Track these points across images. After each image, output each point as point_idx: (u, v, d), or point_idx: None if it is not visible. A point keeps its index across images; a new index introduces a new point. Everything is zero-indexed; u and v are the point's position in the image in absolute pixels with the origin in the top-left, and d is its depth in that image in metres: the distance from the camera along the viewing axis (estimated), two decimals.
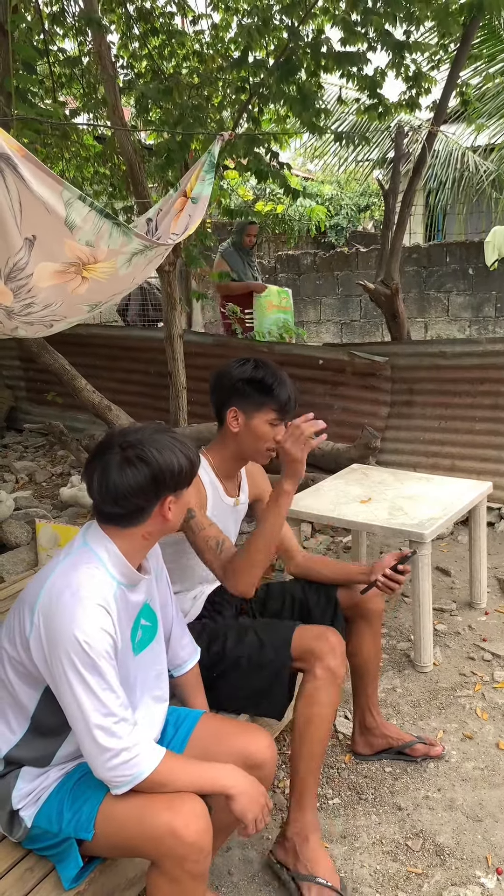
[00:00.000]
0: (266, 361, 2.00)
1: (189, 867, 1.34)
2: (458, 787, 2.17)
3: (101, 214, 1.82)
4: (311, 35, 4.20)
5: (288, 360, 5.15)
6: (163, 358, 4.72)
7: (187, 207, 2.36)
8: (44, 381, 6.22)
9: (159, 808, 1.36)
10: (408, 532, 2.66)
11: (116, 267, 2.04)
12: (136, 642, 1.56)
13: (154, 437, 1.51)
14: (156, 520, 1.51)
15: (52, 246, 1.84)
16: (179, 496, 1.54)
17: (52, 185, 1.68)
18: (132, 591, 1.52)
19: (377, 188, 12.34)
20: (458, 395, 4.53)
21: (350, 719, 2.47)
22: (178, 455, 1.50)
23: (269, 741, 1.65)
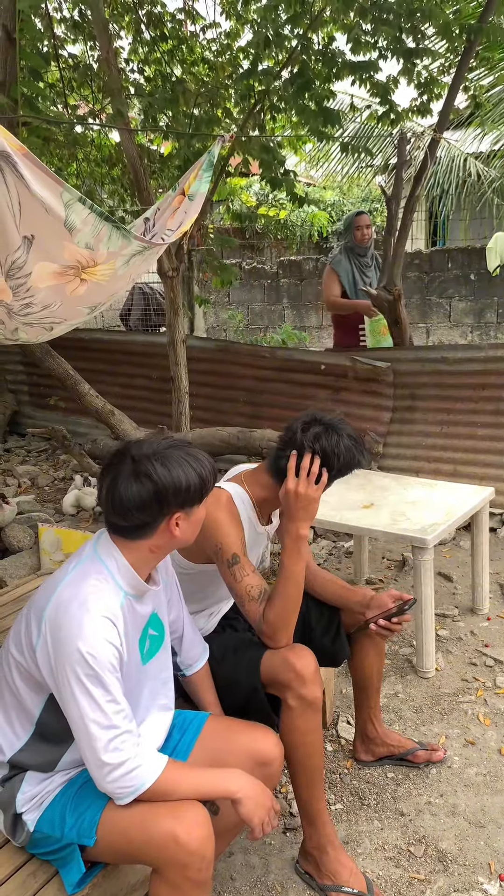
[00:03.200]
0: (345, 432, 1.83)
1: (191, 875, 1.34)
2: (460, 793, 2.17)
3: (101, 217, 1.82)
4: (320, 43, 4.24)
5: (290, 366, 5.17)
6: (165, 363, 4.73)
7: (183, 205, 2.37)
8: (47, 385, 6.24)
9: (162, 815, 1.36)
10: (410, 538, 2.66)
11: (115, 268, 2.05)
12: (144, 652, 1.56)
13: (166, 451, 1.49)
14: (163, 535, 1.50)
15: (51, 247, 1.84)
16: (190, 513, 1.51)
17: (51, 185, 1.67)
18: (140, 602, 1.52)
19: (379, 194, 12.38)
20: (460, 400, 4.54)
21: (352, 725, 2.47)
22: (186, 472, 1.47)
23: (276, 739, 1.66)
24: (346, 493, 3.15)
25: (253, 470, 2.01)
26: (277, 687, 1.79)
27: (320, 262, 9.63)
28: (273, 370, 5.21)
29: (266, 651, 1.83)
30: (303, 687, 1.74)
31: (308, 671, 1.76)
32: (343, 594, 2.10)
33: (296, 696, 1.75)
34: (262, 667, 1.81)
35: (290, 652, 1.79)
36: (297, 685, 1.75)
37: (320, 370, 4.99)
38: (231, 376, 5.42)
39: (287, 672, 1.76)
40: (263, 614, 1.78)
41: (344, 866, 1.82)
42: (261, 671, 1.81)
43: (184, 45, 4.95)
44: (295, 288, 9.74)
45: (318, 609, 2.11)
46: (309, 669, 1.76)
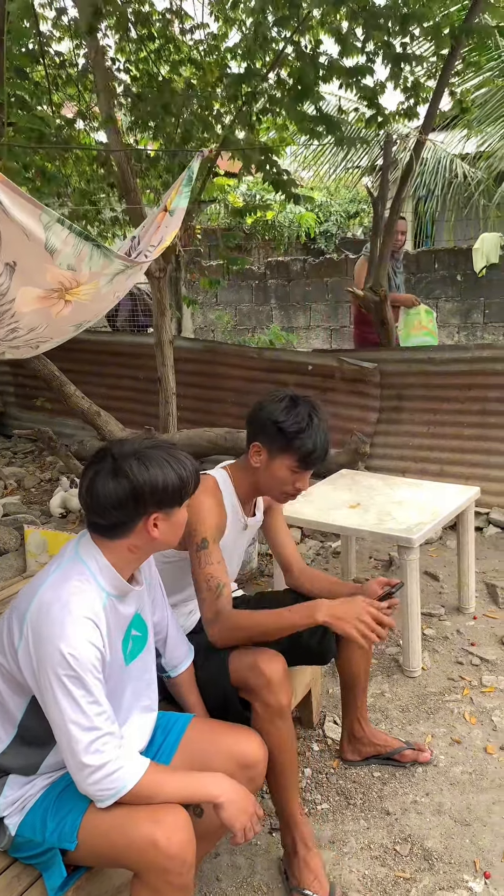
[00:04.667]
0: (304, 401, 1.90)
1: (172, 879, 1.33)
2: (446, 792, 2.18)
3: (81, 237, 1.83)
4: (308, 46, 4.26)
5: (277, 366, 5.18)
6: (152, 364, 4.72)
7: (164, 220, 2.39)
8: (33, 386, 6.21)
9: (142, 819, 1.35)
10: (396, 537, 2.67)
11: (98, 287, 2.05)
12: (126, 652, 1.55)
13: (147, 451, 1.48)
14: (140, 535, 1.49)
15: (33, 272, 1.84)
16: (170, 514, 1.50)
17: (30, 209, 1.69)
18: (123, 603, 1.52)
19: (366, 195, 12.42)
20: (446, 400, 4.56)
21: (338, 724, 2.47)
22: (165, 472, 1.46)
23: (259, 741, 1.66)
24: (333, 494, 3.16)
25: (236, 461, 2.04)
26: (246, 691, 1.78)
27: (308, 262, 9.65)
28: (261, 371, 5.21)
29: (233, 652, 1.82)
30: (269, 694, 1.73)
31: (276, 677, 1.74)
32: (332, 589, 2.12)
33: (262, 702, 1.74)
34: (232, 669, 1.80)
35: (260, 656, 1.77)
36: (264, 692, 1.73)
37: (308, 371, 5.00)
38: (219, 377, 5.42)
39: (255, 677, 1.75)
40: (227, 617, 1.78)
41: (310, 870, 1.81)
42: (231, 673, 1.80)
43: (171, 45, 4.94)
44: (283, 289, 9.75)
45: None
46: (277, 675, 1.74)
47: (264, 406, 1.91)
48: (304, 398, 1.93)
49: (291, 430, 1.85)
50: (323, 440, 1.88)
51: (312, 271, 9.57)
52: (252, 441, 1.93)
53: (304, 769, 2.30)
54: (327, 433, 1.91)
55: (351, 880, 1.88)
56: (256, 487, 1.99)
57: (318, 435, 1.87)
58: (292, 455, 1.87)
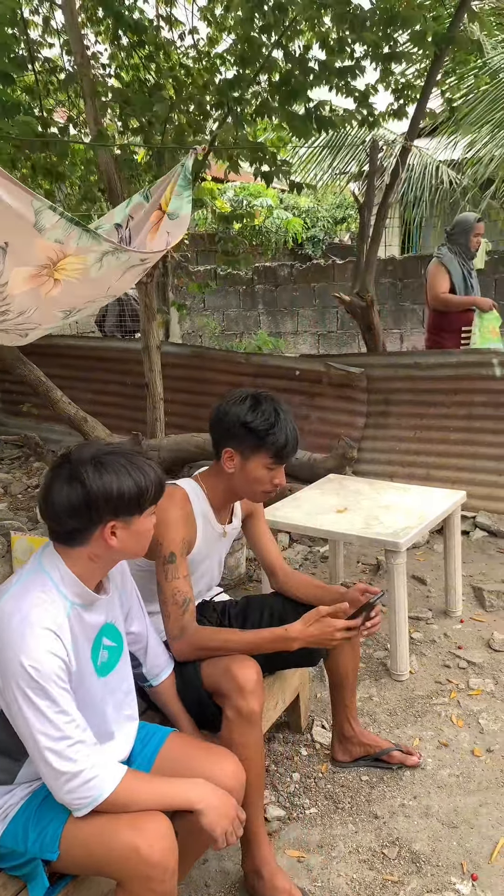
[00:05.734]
0: (266, 397, 1.91)
1: (154, 886, 1.32)
2: (433, 795, 2.19)
3: (71, 222, 1.84)
4: (297, 51, 4.29)
5: (265, 371, 5.19)
6: (140, 369, 4.72)
7: (164, 223, 2.37)
8: (19, 392, 6.18)
9: (122, 828, 1.34)
10: (383, 541, 2.69)
11: (88, 265, 2.05)
12: (99, 664, 1.53)
13: (105, 457, 1.45)
14: (98, 544, 1.46)
15: (24, 250, 1.85)
16: (129, 522, 1.47)
17: (21, 196, 1.70)
18: (89, 612, 1.50)
19: (352, 201, 12.48)
20: (432, 405, 4.59)
21: (327, 729, 2.48)
22: (122, 479, 1.43)
23: (234, 767, 1.59)
24: (321, 498, 3.17)
25: (208, 469, 2.04)
26: (218, 696, 1.77)
27: (295, 268, 9.68)
28: (248, 376, 5.22)
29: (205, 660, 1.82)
30: (240, 699, 1.71)
31: (249, 683, 1.72)
32: (317, 594, 2.13)
33: (233, 707, 1.72)
34: (205, 674, 1.80)
35: (234, 662, 1.76)
36: (235, 696, 1.71)
37: (295, 376, 5.02)
38: (206, 382, 5.42)
39: (227, 682, 1.73)
40: (192, 634, 1.78)
41: (279, 890, 1.78)
42: (203, 678, 1.80)
43: (161, 52, 4.96)
44: (270, 294, 9.78)
45: (295, 610, 2.11)
46: (250, 681, 1.72)
47: (228, 410, 1.90)
48: (264, 394, 1.94)
49: (261, 428, 1.86)
50: (293, 431, 1.90)
51: (300, 277, 9.60)
52: (221, 447, 1.92)
53: (292, 773, 2.30)
54: (294, 424, 1.92)
55: (339, 884, 1.88)
56: (233, 492, 1.98)
57: (288, 427, 1.89)
58: (266, 452, 1.88)
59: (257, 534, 2.24)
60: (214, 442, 1.96)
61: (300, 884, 1.87)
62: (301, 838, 2.04)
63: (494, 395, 4.38)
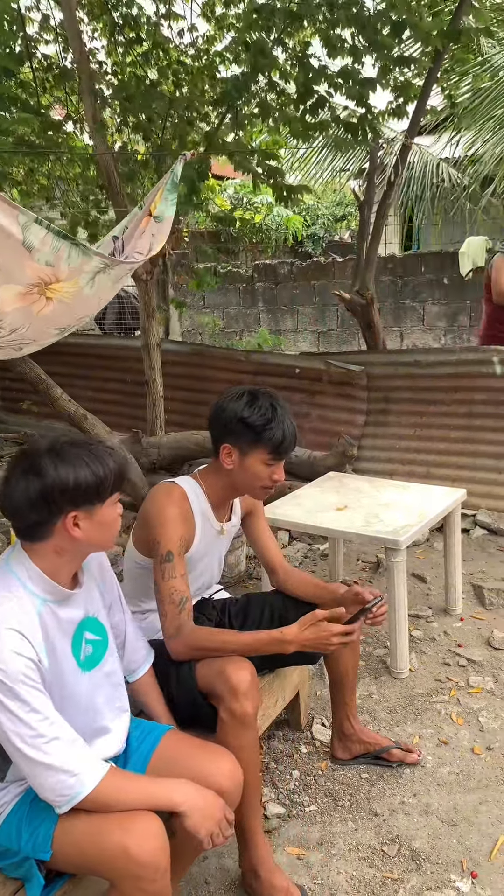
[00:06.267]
0: (263, 393, 1.91)
1: (145, 886, 1.31)
2: (433, 792, 2.19)
3: (59, 236, 1.84)
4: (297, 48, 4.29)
5: (265, 369, 5.19)
6: (140, 367, 4.71)
7: (150, 226, 2.38)
8: (19, 389, 6.18)
9: (112, 828, 1.33)
10: (383, 539, 2.68)
11: (80, 286, 2.05)
12: (82, 659, 1.52)
13: (63, 447, 1.43)
14: (62, 536, 1.43)
15: (13, 268, 1.85)
16: (92, 513, 1.44)
17: (7, 210, 1.71)
18: (64, 607, 1.48)
19: (352, 199, 12.46)
20: (433, 403, 4.59)
21: (327, 726, 2.48)
22: (79, 470, 1.40)
23: (230, 766, 1.57)
24: (321, 496, 3.17)
25: (206, 466, 2.03)
26: (213, 697, 1.76)
27: (295, 265, 9.67)
28: (248, 374, 5.22)
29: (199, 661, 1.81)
30: (234, 701, 1.70)
31: (243, 685, 1.71)
32: (317, 592, 2.13)
33: (227, 709, 1.71)
34: (200, 675, 1.79)
35: (228, 663, 1.75)
36: (229, 698, 1.70)
37: (295, 373, 5.02)
38: (206, 380, 5.42)
39: (222, 683, 1.72)
40: (189, 634, 1.78)
41: (277, 889, 1.78)
42: (198, 679, 1.79)
43: (159, 49, 4.95)
44: (270, 292, 9.77)
45: (296, 608, 2.11)
46: (244, 683, 1.71)
47: (225, 406, 1.90)
48: (262, 390, 1.93)
49: (259, 424, 1.86)
50: (290, 427, 1.90)
51: (300, 274, 9.60)
52: (220, 444, 1.92)
53: (292, 771, 2.30)
54: (292, 419, 1.92)
55: (339, 882, 1.88)
56: (233, 488, 1.98)
57: (285, 422, 1.89)
58: (264, 448, 1.87)
59: (257, 531, 2.23)
60: (213, 438, 1.96)
61: (300, 881, 1.87)
62: (301, 836, 2.04)
63: (495, 394, 4.38)
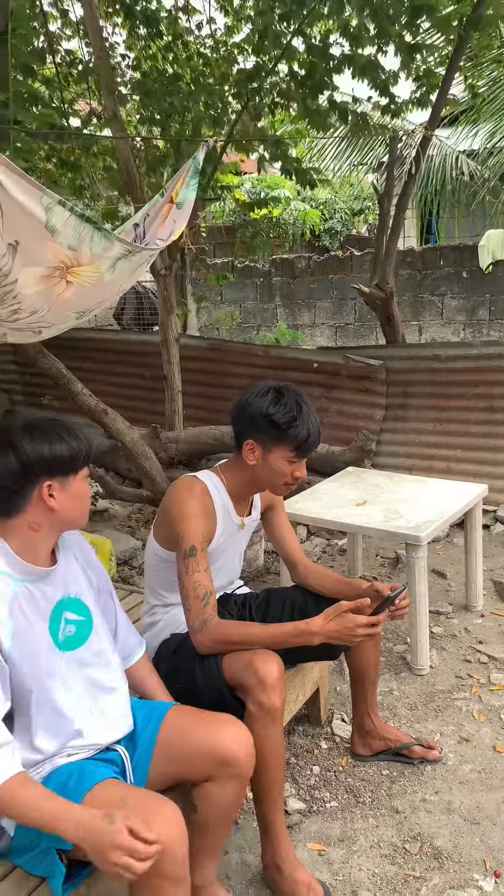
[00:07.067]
0: (288, 390, 1.90)
1: (165, 873, 1.31)
2: (455, 790, 2.17)
3: (81, 219, 1.83)
4: (317, 38, 4.26)
5: (283, 364, 5.17)
6: (158, 362, 4.72)
7: (172, 213, 2.38)
8: (39, 384, 6.21)
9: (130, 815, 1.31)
10: (403, 535, 2.66)
11: (101, 272, 2.05)
12: (61, 639, 1.52)
13: (35, 422, 1.49)
14: (38, 508, 1.47)
15: (36, 250, 1.85)
16: (66, 483, 1.49)
17: (31, 191, 1.70)
18: (41, 586, 1.50)
19: (371, 192, 12.36)
20: (452, 397, 4.55)
21: (347, 722, 2.47)
22: (53, 441, 1.46)
23: (239, 732, 1.56)
24: (340, 491, 3.15)
25: (227, 461, 2.03)
26: (240, 690, 1.76)
27: (312, 260, 9.62)
28: (266, 368, 5.20)
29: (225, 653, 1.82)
30: (262, 693, 1.70)
31: (270, 677, 1.71)
32: (338, 587, 2.12)
33: (255, 702, 1.71)
34: (226, 667, 1.79)
35: (256, 656, 1.75)
36: (257, 691, 1.71)
37: (313, 368, 5.00)
38: (224, 375, 5.42)
39: (249, 676, 1.72)
40: (215, 627, 1.78)
41: (300, 884, 1.77)
42: (225, 672, 1.79)
43: (179, 42, 4.95)
44: (287, 286, 9.74)
45: (316, 603, 2.10)
46: (272, 676, 1.72)
47: (251, 402, 1.89)
48: (287, 387, 1.92)
49: (284, 421, 1.84)
50: (315, 425, 1.89)
51: (317, 269, 9.55)
52: (243, 439, 1.92)
53: (312, 767, 2.30)
54: (316, 417, 1.91)
55: (361, 878, 1.88)
56: (254, 484, 1.98)
57: (310, 421, 1.87)
58: (288, 445, 1.87)
59: (277, 526, 2.23)
60: (236, 434, 1.95)
61: (321, 877, 1.87)
62: (321, 832, 2.04)
63: None
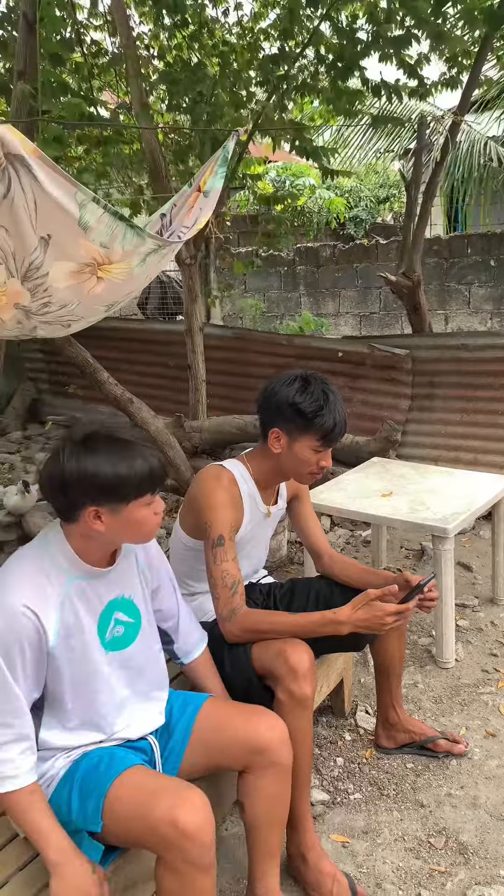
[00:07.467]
0: (315, 378, 1.87)
1: (191, 858, 1.32)
2: (481, 785, 2.15)
3: (115, 216, 1.82)
4: (345, 22, 4.20)
5: (307, 353, 5.14)
6: (182, 351, 4.71)
7: (199, 201, 2.36)
8: (65, 373, 6.26)
9: (160, 800, 1.34)
10: (430, 527, 2.63)
11: (132, 267, 2.05)
12: (108, 639, 1.52)
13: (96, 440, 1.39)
14: (86, 525, 1.42)
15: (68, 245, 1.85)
16: (116, 510, 1.40)
17: (66, 186, 1.70)
18: (95, 585, 1.49)
19: (396, 180, 12.21)
20: (479, 388, 4.48)
21: (371, 714, 2.46)
22: (103, 467, 1.36)
23: (274, 722, 1.58)
24: (365, 482, 3.13)
25: (253, 450, 2.03)
26: (271, 679, 1.77)
27: (337, 248, 9.54)
28: (290, 358, 5.17)
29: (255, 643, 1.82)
30: (293, 682, 1.71)
31: (302, 667, 1.71)
32: (364, 577, 2.10)
33: (286, 690, 1.71)
34: (255, 656, 1.79)
35: (286, 645, 1.75)
36: (288, 680, 1.71)
37: (338, 357, 4.95)
38: (248, 364, 5.40)
39: (280, 665, 1.73)
40: (243, 616, 1.78)
41: (325, 874, 1.77)
42: (254, 661, 1.79)
43: (204, 30, 4.91)
44: (312, 275, 9.67)
45: (342, 594, 2.09)
46: (303, 665, 1.72)
47: (277, 390, 1.87)
48: (314, 375, 1.89)
49: (310, 410, 1.82)
50: (341, 414, 1.86)
51: (342, 257, 9.47)
52: (269, 427, 1.90)
53: (336, 758, 2.29)
54: (343, 406, 1.88)
55: (385, 872, 1.87)
56: (280, 472, 1.97)
57: (336, 410, 1.85)
58: (314, 434, 1.85)
59: (303, 516, 2.22)
60: (262, 422, 1.94)
61: (345, 869, 1.86)
62: (345, 823, 2.03)
63: None
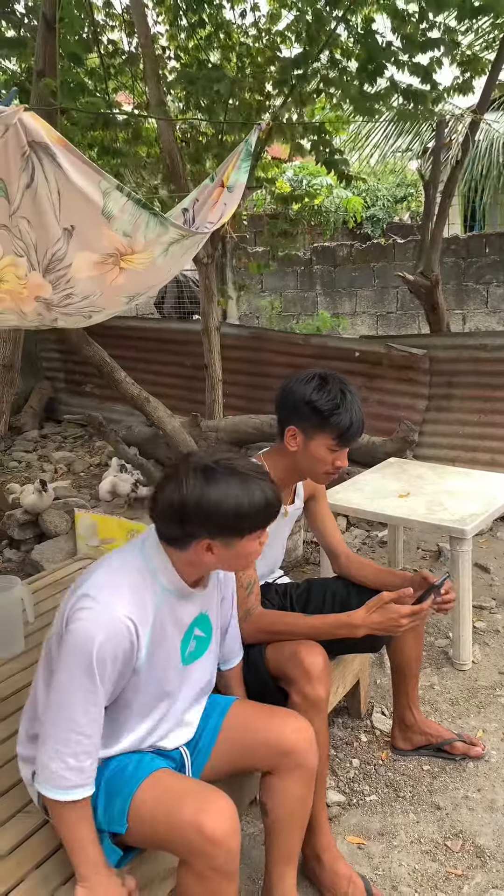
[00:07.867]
0: (333, 378, 1.87)
1: (217, 865, 1.32)
2: (498, 788, 2.13)
3: (138, 205, 1.82)
4: (359, 25, 4.19)
5: (324, 353, 5.13)
6: (199, 350, 4.72)
7: (223, 196, 2.35)
8: (82, 372, 6.29)
9: (187, 805, 1.34)
10: (448, 528, 2.62)
11: (154, 257, 2.04)
12: (186, 653, 1.53)
13: (218, 472, 1.38)
14: (197, 555, 1.42)
15: (91, 236, 1.84)
16: (230, 544, 1.41)
17: (90, 174, 1.68)
18: (184, 601, 1.49)
19: (413, 179, 12.14)
20: (498, 388, 4.46)
21: (387, 716, 2.45)
22: (224, 502, 1.36)
23: (300, 724, 1.58)
24: (382, 482, 3.12)
25: (271, 448, 2.02)
26: (285, 681, 1.76)
27: (354, 248, 9.51)
28: (307, 357, 5.16)
29: (269, 644, 1.82)
30: (307, 684, 1.70)
31: (315, 669, 1.71)
32: (381, 578, 2.09)
33: (300, 692, 1.71)
34: (270, 657, 1.79)
35: (301, 647, 1.75)
36: (302, 682, 1.71)
37: (354, 357, 4.94)
38: (265, 364, 5.40)
39: (294, 667, 1.73)
40: (259, 617, 1.79)
41: (341, 876, 1.76)
42: (269, 662, 1.79)
43: (221, 31, 4.92)
44: (328, 274, 9.64)
45: (358, 594, 2.08)
46: (316, 667, 1.72)
47: (294, 388, 1.87)
48: (332, 374, 1.89)
49: (326, 409, 1.81)
50: (358, 414, 1.85)
51: (359, 257, 9.43)
52: (286, 425, 1.90)
53: (351, 759, 2.28)
54: (360, 406, 1.87)
55: (401, 874, 1.86)
56: (296, 471, 1.96)
57: (353, 409, 1.84)
58: (329, 433, 1.84)
59: (320, 516, 2.21)
60: (279, 420, 1.94)
61: (361, 871, 1.86)
62: (361, 825, 2.03)
63: None
